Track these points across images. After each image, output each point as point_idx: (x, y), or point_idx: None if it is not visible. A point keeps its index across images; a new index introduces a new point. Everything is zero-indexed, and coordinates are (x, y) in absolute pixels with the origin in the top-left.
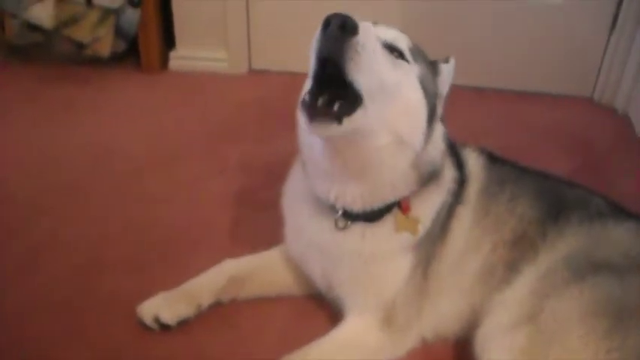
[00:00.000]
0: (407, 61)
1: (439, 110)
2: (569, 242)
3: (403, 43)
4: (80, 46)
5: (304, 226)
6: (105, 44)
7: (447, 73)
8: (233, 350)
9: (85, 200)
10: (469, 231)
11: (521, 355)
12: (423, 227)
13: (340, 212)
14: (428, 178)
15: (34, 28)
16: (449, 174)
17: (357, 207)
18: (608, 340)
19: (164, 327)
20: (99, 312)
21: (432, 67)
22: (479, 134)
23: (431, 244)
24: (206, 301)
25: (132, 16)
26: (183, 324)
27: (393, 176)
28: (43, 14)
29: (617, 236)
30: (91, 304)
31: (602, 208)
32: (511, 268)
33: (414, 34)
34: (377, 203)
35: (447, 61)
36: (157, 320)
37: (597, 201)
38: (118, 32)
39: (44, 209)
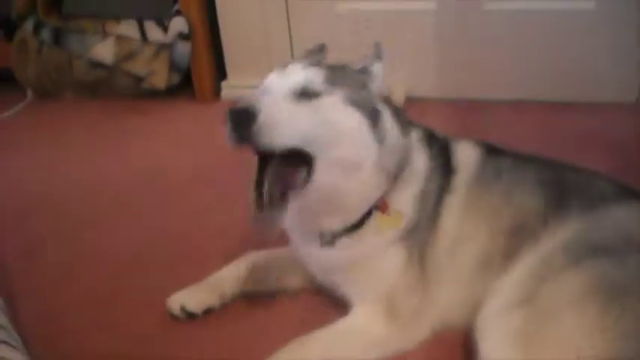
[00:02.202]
0: (325, 94)
1: (379, 105)
2: (569, 228)
3: (316, 80)
4: (138, 79)
5: (297, 243)
6: (160, 77)
7: (379, 70)
8: (251, 340)
9: (128, 215)
10: (461, 219)
11: (517, 336)
12: (405, 218)
13: (320, 232)
14: (396, 171)
15: (97, 65)
16: (421, 161)
17: (336, 227)
18: (602, 318)
19: (190, 316)
20: (131, 306)
21: (362, 76)
22: (516, 145)
23: (421, 233)
24: (229, 290)
25: (184, 49)
26: (208, 314)
27: (359, 193)
28: (104, 52)
29: (618, 218)
30: (124, 300)
31: (605, 191)
32: (510, 256)
33: (446, 54)
34: (354, 219)
35: (377, 53)
36: (183, 309)
37: (601, 184)
38: (172, 65)
39: (90, 222)
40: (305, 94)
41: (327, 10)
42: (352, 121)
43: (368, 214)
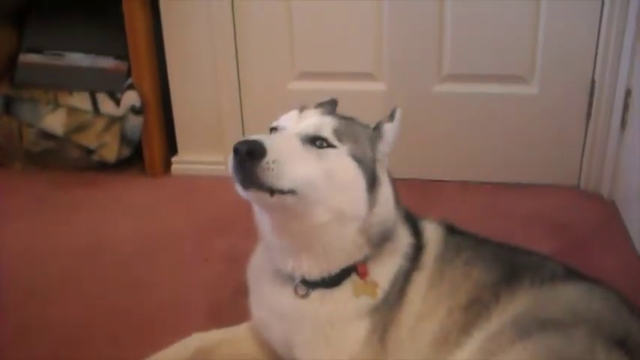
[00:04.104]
0: (333, 146)
1: (381, 172)
2: (519, 303)
3: (327, 129)
4: (88, 151)
5: (266, 295)
6: (111, 150)
7: (390, 131)
8: None
9: (75, 286)
10: (425, 296)
11: None
12: (381, 290)
13: (298, 280)
14: (381, 239)
15: (47, 135)
16: (405, 239)
17: (314, 275)
18: None
19: None
20: None
21: (373, 132)
22: (463, 224)
23: (388, 310)
24: None
25: (135, 123)
26: None
27: (342, 245)
28: (55, 122)
29: (565, 295)
30: None
31: (556, 271)
32: (465, 332)
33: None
34: (333, 270)
35: (392, 117)
36: None
37: (552, 265)
38: (123, 138)
39: (36, 293)
40: (314, 140)
41: (279, 88)
42: (351, 174)
43: (346, 274)
